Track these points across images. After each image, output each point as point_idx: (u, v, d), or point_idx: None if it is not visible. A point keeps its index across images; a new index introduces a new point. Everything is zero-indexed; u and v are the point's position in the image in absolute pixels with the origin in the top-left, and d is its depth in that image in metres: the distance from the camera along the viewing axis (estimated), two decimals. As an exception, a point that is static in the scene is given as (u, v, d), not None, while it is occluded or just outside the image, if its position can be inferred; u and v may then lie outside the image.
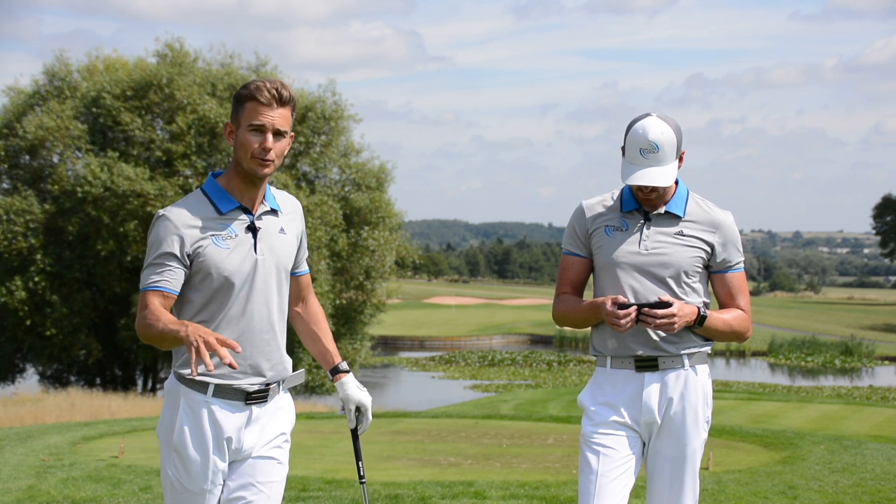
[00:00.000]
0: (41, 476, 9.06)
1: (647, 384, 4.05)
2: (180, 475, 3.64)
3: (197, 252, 3.58)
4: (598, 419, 4.07)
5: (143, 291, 3.57)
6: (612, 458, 4.01)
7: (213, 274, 3.59)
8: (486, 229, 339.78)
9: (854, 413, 18.74)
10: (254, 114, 3.60)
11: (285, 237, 3.75)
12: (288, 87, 3.65)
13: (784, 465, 9.97)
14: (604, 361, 4.14)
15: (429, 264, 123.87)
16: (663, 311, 3.92)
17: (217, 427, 3.63)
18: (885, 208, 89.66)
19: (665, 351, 4.05)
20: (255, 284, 3.66)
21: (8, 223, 29.21)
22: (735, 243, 4.15)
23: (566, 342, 58.36)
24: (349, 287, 32.46)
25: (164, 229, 3.58)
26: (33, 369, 33.49)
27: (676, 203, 4.12)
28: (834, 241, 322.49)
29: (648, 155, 4.00)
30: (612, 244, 4.09)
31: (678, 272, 4.06)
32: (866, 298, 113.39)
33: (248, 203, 3.69)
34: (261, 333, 3.68)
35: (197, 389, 3.62)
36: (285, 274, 3.75)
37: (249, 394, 3.66)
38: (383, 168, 33.53)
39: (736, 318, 4.13)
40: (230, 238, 3.62)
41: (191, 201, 3.65)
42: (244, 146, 3.61)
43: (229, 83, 31.32)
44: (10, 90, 32.05)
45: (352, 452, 11.99)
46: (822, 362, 48.21)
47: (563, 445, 11.80)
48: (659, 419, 4.05)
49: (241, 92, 3.64)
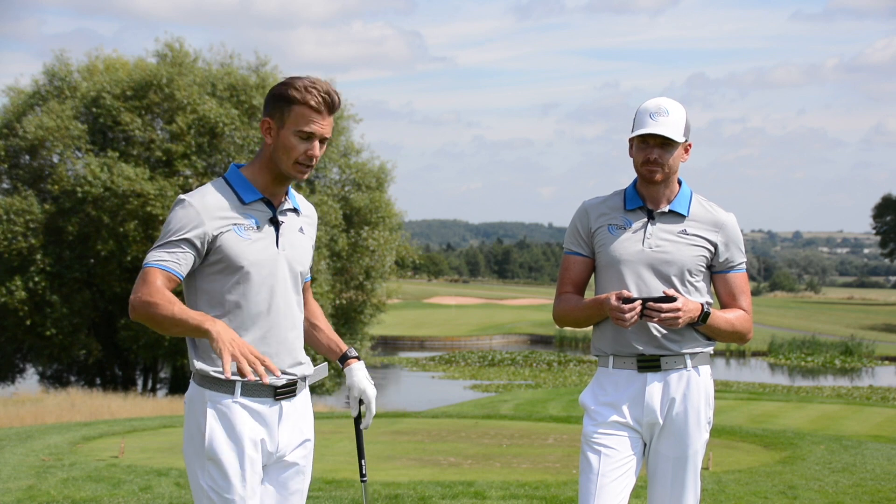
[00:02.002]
0: (41, 476, 9.05)
1: (649, 384, 4.05)
2: (217, 484, 3.45)
3: (217, 240, 3.45)
4: (600, 419, 4.07)
5: (148, 267, 3.41)
6: (612, 458, 4.01)
7: (234, 264, 3.47)
8: (486, 229, 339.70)
9: (854, 413, 18.73)
10: (304, 120, 3.48)
11: (304, 237, 3.67)
12: (338, 93, 3.54)
13: (784, 465, 9.96)
14: (605, 361, 4.13)
15: (429, 264, 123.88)
16: (668, 306, 3.91)
17: (250, 426, 3.48)
18: (885, 208, 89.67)
19: (668, 350, 4.05)
20: (278, 279, 3.55)
21: (8, 223, 29.21)
22: (738, 244, 4.16)
23: (566, 342, 58.33)
24: (349, 287, 32.46)
25: (184, 214, 3.44)
26: (33, 369, 33.49)
27: (680, 202, 4.12)
28: (834, 241, 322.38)
29: (658, 117, 4.01)
30: (615, 242, 4.09)
31: (682, 270, 4.06)
32: (866, 298, 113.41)
33: (270, 198, 3.59)
34: (286, 330, 3.58)
35: (223, 391, 3.48)
36: (301, 272, 3.66)
37: (277, 389, 3.55)
38: (383, 168, 33.54)
39: (738, 318, 4.12)
40: (252, 229, 3.51)
41: (213, 188, 3.52)
42: (288, 150, 3.49)
43: (229, 83, 31.33)
44: (10, 90, 32.07)
45: (351, 452, 11.95)
46: (822, 362, 48.18)
47: (563, 445, 11.79)
48: (661, 420, 4.04)
49: (289, 92, 3.49)
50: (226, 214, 3.48)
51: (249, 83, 31.71)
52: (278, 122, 3.51)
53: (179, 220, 3.44)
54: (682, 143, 4.07)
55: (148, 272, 3.40)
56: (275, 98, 3.52)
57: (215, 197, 3.50)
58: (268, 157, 3.56)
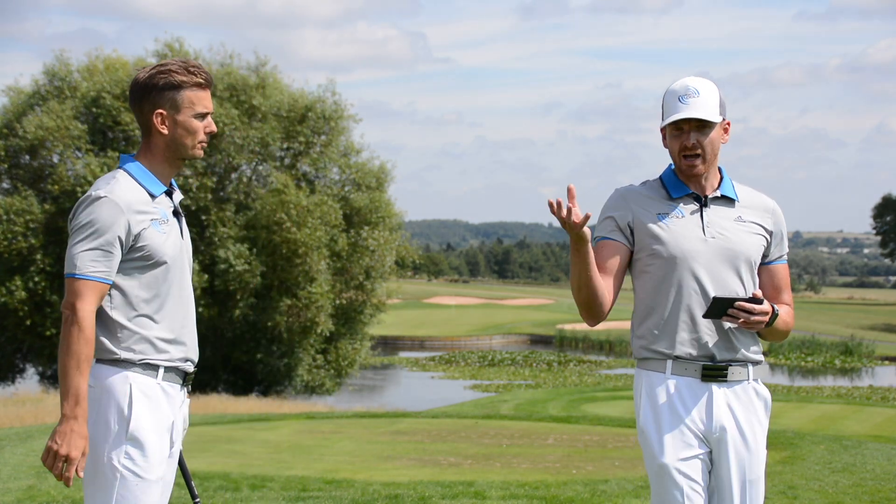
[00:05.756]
0: (41, 476, 9.04)
1: (715, 394, 3.65)
2: (137, 465, 3.45)
3: (140, 236, 3.47)
4: (674, 448, 3.63)
5: (85, 279, 3.40)
6: (697, 490, 3.64)
7: (156, 259, 3.50)
8: (486, 229, 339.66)
9: (854, 413, 18.73)
10: (197, 100, 3.59)
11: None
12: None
13: (784, 465, 9.95)
14: (661, 365, 3.68)
15: (429, 264, 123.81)
16: (760, 307, 3.58)
17: (168, 409, 3.54)
18: (885, 208, 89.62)
19: (739, 357, 3.68)
20: (185, 270, 3.62)
21: (8, 223, 29.20)
22: (785, 231, 3.85)
23: (566, 342, 58.32)
24: (349, 287, 32.44)
25: (109, 212, 3.43)
26: (33, 369, 33.46)
27: (727, 187, 3.77)
28: (834, 241, 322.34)
29: (688, 99, 3.65)
30: (670, 234, 3.68)
31: (748, 260, 3.70)
32: (866, 298, 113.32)
33: (170, 189, 3.66)
34: (192, 317, 3.66)
35: (149, 373, 3.50)
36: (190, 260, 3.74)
37: (187, 374, 3.63)
38: (383, 168, 33.51)
39: (789, 315, 3.78)
40: (164, 223, 3.55)
41: (125, 184, 3.51)
42: (192, 133, 3.59)
43: (229, 83, 31.32)
44: (10, 90, 32.05)
45: (352, 452, 11.96)
46: (822, 362, 48.16)
47: (563, 445, 11.79)
48: (728, 436, 3.65)
49: (174, 78, 3.56)
50: (144, 209, 3.51)
51: (249, 83, 31.71)
52: (172, 110, 3.55)
53: (105, 220, 3.43)
54: (720, 123, 3.70)
55: (83, 286, 3.41)
56: (159, 88, 3.55)
57: (132, 192, 3.51)
58: (163, 146, 3.60)
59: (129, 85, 3.64)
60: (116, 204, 3.44)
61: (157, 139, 3.59)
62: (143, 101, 3.56)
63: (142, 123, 3.60)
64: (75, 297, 3.39)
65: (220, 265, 29.87)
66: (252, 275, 29.95)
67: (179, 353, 3.57)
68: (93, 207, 3.44)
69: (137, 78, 3.59)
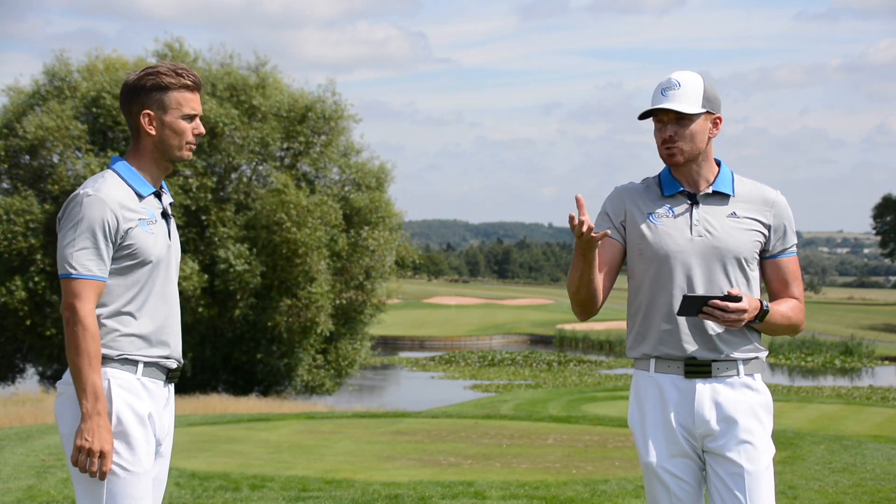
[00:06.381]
0: (41, 476, 9.05)
1: (698, 391, 3.66)
2: (123, 458, 3.49)
3: (128, 236, 3.52)
4: (657, 446, 3.68)
5: (81, 279, 3.46)
6: (683, 488, 3.68)
7: (143, 258, 3.55)
8: (486, 229, 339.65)
9: (854, 413, 18.72)
10: (185, 102, 3.63)
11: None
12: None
13: (784, 465, 9.95)
14: (645, 364, 3.73)
15: (429, 264, 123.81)
16: (735, 305, 3.56)
17: (150, 403, 3.57)
18: (885, 208, 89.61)
19: (722, 354, 3.67)
20: (171, 270, 3.68)
21: (8, 223, 29.19)
22: (790, 224, 3.78)
23: (566, 342, 58.32)
24: (349, 287, 32.44)
25: (99, 210, 3.48)
26: (33, 369, 33.46)
27: (722, 182, 3.74)
28: (834, 241, 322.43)
29: (668, 92, 3.67)
30: (656, 233, 3.71)
31: (738, 258, 3.69)
32: (866, 298, 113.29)
33: (159, 190, 3.70)
34: (176, 316, 3.70)
35: (127, 368, 3.54)
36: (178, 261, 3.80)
37: (170, 371, 3.66)
38: (383, 168, 33.50)
39: (793, 310, 3.74)
40: (152, 223, 3.59)
41: (114, 183, 3.56)
42: (179, 134, 3.63)
43: (229, 83, 31.33)
44: (10, 90, 32.04)
45: (352, 452, 11.97)
46: (822, 362, 48.15)
47: (563, 445, 11.79)
48: (715, 431, 3.65)
49: (162, 80, 3.60)
50: (133, 208, 3.56)
51: (249, 83, 31.70)
52: (159, 111, 3.60)
53: (94, 216, 3.48)
54: (709, 117, 3.70)
55: (80, 286, 3.45)
56: (147, 89, 3.60)
57: (121, 192, 3.55)
58: (151, 148, 3.64)
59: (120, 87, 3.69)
60: (104, 202, 3.49)
61: (145, 140, 3.63)
62: (131, 102, 3.61)
63: (131, 125, 3.65)
64: (74, 298, 3.44)
65: (220, 265, 29.86)
66: (252, 275, 29.94)
67: (161, 351, 3.61)
68: (81, 206, 3.49)
69: (127, 80, 3.64)
